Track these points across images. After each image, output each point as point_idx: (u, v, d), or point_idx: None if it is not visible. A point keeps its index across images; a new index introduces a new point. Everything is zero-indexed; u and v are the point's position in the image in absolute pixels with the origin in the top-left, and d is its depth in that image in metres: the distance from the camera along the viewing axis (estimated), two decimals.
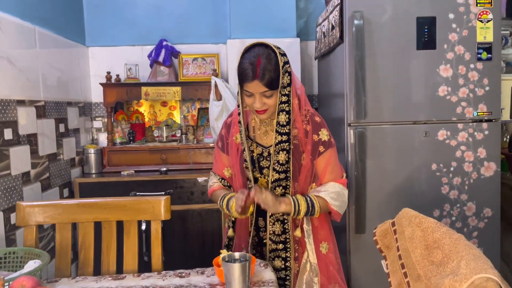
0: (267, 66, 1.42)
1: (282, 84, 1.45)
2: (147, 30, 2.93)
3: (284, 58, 1.47)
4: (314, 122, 1.57)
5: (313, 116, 1.58)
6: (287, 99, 1.48)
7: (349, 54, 2.01)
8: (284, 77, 1.45)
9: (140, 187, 2.50)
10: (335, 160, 1.59)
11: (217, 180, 1.69)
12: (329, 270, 1.61)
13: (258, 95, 1.45)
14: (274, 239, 1.60)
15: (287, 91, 1.47)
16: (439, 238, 1.06)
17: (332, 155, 1.57)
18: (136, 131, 2.88)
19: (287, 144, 1.52)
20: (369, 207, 2.04)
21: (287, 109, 1.49)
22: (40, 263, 1.34)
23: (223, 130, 1.69)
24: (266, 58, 1.43)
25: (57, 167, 2.35)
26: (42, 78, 2.20)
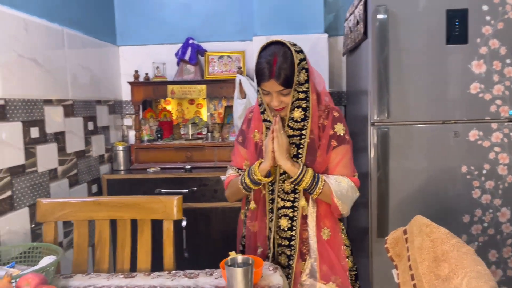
0: (283, 65, 1.42)
1: (298, 82, 1.45)
2: (174, 29, 2.96)
3: (300, 55, 1.47)
4: (333, 116, 1.54)
5: (332, 110, 1.55)
6: (305, 96, 1.47)
7: (373, 51, 1.92)
8: (301, 74, 1.45)
9: (165, 184, 2.54)
10: (348, 158, 1.54)
11: (234, 171, 1.69)
12: (331, 259, 1.56)
13: (275, 94, 1.46)
14: (280, 234, 1.57)
15: (304, 88, 1.46)
16: (447, 250, 0.99)
17: (346, 152, 1.53)
18: (164, 128, 2.92)
19: (298, 139, 1.51)
20: (392, 211, 1.95)
21: (304, 106, 1.48)
22: (54, 258, 1.38)
23: (243, 125, 1.69)
24: (282, 57, 1.43)
25: (85, 163, 2.43)
26: (70, 78, 2.27)
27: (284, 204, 1.55)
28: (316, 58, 2.72)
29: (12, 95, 1.79)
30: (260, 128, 1.60)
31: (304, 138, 1.51)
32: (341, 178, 1.50)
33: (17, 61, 1.83)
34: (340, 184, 1.48)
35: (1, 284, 1.08)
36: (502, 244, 1.93)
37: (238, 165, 1.69)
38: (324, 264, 1.54)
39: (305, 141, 1.51)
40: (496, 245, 1.93)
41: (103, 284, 1.40)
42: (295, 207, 1.54)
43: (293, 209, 1.54)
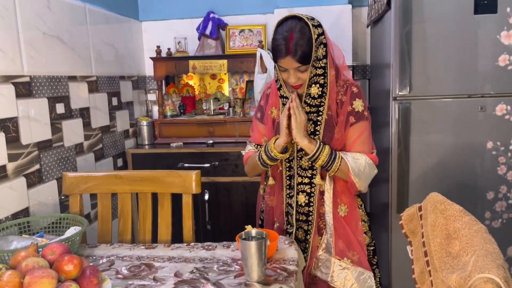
0: (299, 41, 1.38)
1: (317, 57, 1.42)
2: (196, 3, 2.94)
3: (318, 29, 1.42)
4: (351, 92, 1.50)
5: (351, 86, 1.51)
6: (322, 72, 1.44)
7: (395, 22, 1.86)
8: (319, 50, 1.41)
9: (187, 159, 2.59)
10: (367, 135, 1.52)
11: (253, 147, 1.71)
12: (348, 235, 1.56)
13: (292, 71, 1.43)
14: (298, 210, 1.59)
15: (322, 64, 1.43)
16: (459, 228, 0.97)
17: (365, 129, 1.50)
18: (187, 104, 2.95)
19: (315, 115, 1.50)
20: (412, 187, 1.92)
21: (321, 82, 1.45)
22: (79, 229, 1.45)
23: (262, 101, 1.69)
24: (299, 32, 1.39)
25: (110, 138, 2.50)
26: (94, 54, 2.31)
27: (302, 180, 1.56)
28: (340, 30, 2.66)
29: (37, 72, 1.85)
30: (277, 104, 1.59)
31: (322, 114, 1.49)
32: (359, 155, 1.48)
33: (41, 38, 1.88)
34: (358, 161, 1.47)
35: (27, 253, 1.14)
36: None
37: (256, 141, 1.70)
38: (340, 240, 1.55)
39: (322, 117, 1.49)
40: None
41: (126, 254, 1.46)
42: (313, 183, 1.54)
43: (310, 185, 1.55)
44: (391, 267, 2.02)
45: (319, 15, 2.69)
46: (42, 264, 1.10)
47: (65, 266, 1.10)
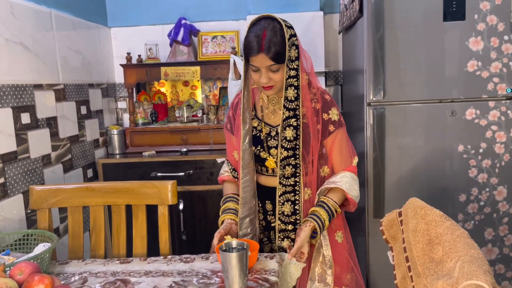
0: (273, 39, 1.35)
1: (290, 58, 1.39)
2: (167, 9, 2.90)
3: (291, 30, 1.40)
4: (324, 100, 1.49)
5: (323, 94, 1.50)
6: (295, 74, 1.41)
7: (368, 28, 1.88)
8: (291, 50, 1.38)
9: (161, 168, 2.52)
10: (345, 141, 1.52)
11: (228, 170, 1.67)
12: (344, 258, 1.56)
13: (264, 70, 1.39)
14: (283, 220, 1.54)
15: (295, 65, 1.41)
16: (441, 233, 0.98)
17: (342, 135, 1.51)
18: (159, 111, 2.89)
19: (294, 120, 1.46)
20: (388, 192, 1.94)
21: (295, 84, 1.42)
22: (49, 245, 1.37)
23: (230, 111, 1.65)
24: (271, 31, 1.36)
25: (80, 148, 2.41)
26: (60, 61, 2.23)
27: (286, 190, 1.52)
28: (312, 37, 2.68)
29: (0, 80, 1.76)
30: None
31: (299, 119, 1.46)
32: (341, 175, 1.48)
33: (4, 45, 1.79)
34: (343, 179, 1.47)
35: None
36: (498, 223, 1.94)
37: (229, 157, 1.66)
38: (338, 267, 1.53)
39: (300, 121, 1.46)
40: (493, 223, 1.94)
41: (99, 270, 1.40)
42: (297, 190, 1.51)
43: (294, 193, 1.51)
44: (369, 271, 2.03)
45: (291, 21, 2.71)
46: (10, 285, 1.03)
47: (36, 287, 1.03)
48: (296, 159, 1.48)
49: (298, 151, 1.48)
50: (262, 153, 1.55)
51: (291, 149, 1.47)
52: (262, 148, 1.54)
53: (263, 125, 1.54)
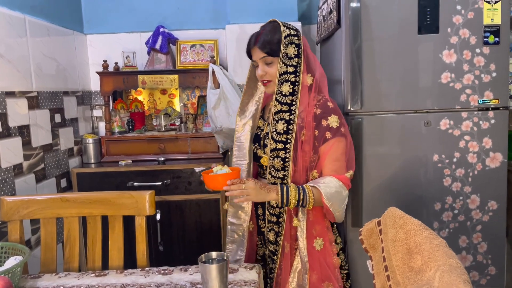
0: (268, 35, 1.52)
1: (286, 54, 1.50)
2: (145, 16, 2.87)
3: (289, 31, 1.52)
4: (326, 107, 1.52)
5: (327, 101, 1.55)
6: (293, 70, 1.50)
7: (346, 40, 1.91)
8: (288, 48, 1.50)
9: (137, 177, 2.48)
10: (341, 152, 1.51)
11: None
12: (323, 268, 1.55)
13: (260, 62, 1.54)
14: (270, 211, 1.59)
15: (294, 62, 1.50)
16: (420, 242, 0.99)
17: (338, 145, 1.50)
18: (136, 120, 2.85)
19: (288, 115, 1.51)
20: (366, 201, 1.96)
21: (292, 80, 1.50)
22: (21, 259, 1.32)
23: None
24: (268, 28, 1.54)
25: (53, 157, 2.34)
26: (34, 68, 2.17)
27: (275, 181, 1.55)
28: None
29: None
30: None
31: (294, 114, 1.50)
32: (329, 179, 1.47)
33: None
34: (328, 185, 1.46)
35: None
36: (472, 230, 1.98)
37: None
38: (314, 273, 1.53)
39: (295, 117, 1.50)
40: (466, 231, 1.98)
41: (73, 283, 1.36)
42: (285, 184, 1.52)
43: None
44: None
45: None
46: None
47: None
48: (286, 153, 1.50)
49: (289, 146, 1.50)
50: (259, 151, 1.64)
51: (281, 142, 1.50)
52: (259, 145, 1.64)
53: (266, 125, 1.66)
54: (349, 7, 1.86)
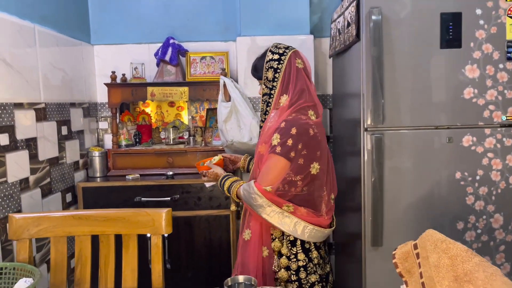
0: (257, 60, 1.77)
1: (266, 77, 1.69)
2: (154, 27, 2.82)
3: (273, 55, 1.69)
4: (279, 125, 1.60)
5: (285, 121, 1.60)
6: (268, 92, 1.70)
7: (366, 53, 1.86)
8: (268, 71, 1.68)
9: (145, 192, 2.40)
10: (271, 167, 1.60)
11: None
12: (244, 259, 1.70)
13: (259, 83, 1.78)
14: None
15: (270, 85, 1.69)
16: (471, 270, 0.92)
17: (271, 161, 1.60)
18: (143, 132, 2.78)
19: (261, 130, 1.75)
20: (386, 219, 1.90)
21: (268, 101, 1.71)
22: (31, 281, 1.24)
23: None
24: (262, 53, 1.76)
25: (59, 171, 2.26)
26: (42, 79, 2.10)
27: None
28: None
29: None
30: None
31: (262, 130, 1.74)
32: (250, 182, 1.65)
33: None
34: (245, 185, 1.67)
35: None
36: (495, 251, 1.92)
37: None
38: (239, 264, 1.72)
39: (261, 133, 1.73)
40: (490, 251, 1.92)
41: None
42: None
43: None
44: None
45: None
46: None
47: None
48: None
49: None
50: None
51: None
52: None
53: None
54: (370, 19, 1.82)
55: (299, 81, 1.65)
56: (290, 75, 1.65)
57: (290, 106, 1.62)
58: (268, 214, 1.59)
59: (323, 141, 1.66)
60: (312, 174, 1.60)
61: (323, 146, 1.64)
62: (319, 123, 1.66)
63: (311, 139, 1.59)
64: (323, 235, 1.67)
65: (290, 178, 1.57)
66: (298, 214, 1.60)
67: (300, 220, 1.60)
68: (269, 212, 1.59)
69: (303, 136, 1.57)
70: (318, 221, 1.63)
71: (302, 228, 1.60)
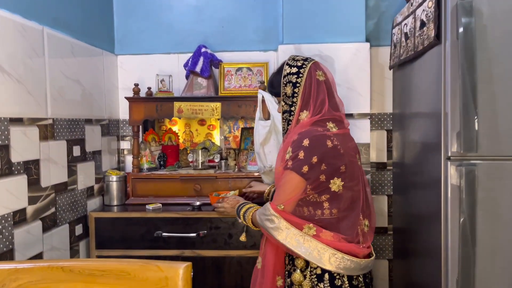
0: (273, 75, 1.64)
1: (285, 93, 1.55)
2: (184, 36, 2.50)
3: (290, 69, 1.55)
4: (292, 139, 1.47)
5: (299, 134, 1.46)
6: (288, 109, 1.55)
7: (452, 59, 1.42)
8: (287, 87, 1.54)
9: (167, 226, 2.02)
10: (283, 184, 1.46)
11: None
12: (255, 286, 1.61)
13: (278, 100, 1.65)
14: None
15: (290, 101, 1.54)
16: None
17: (284, 178, 1.45)
18: (168, 154, 2.42)
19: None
20: (479, 268, 1.42)
21: (288, 118, 1.56)
22: None
23: None
24: (277, 68, 1.64)
25: (67, 199, 1.92)
26: (51, 91, 1.79)
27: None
28: (355, 72, 2.24)
29: None
30: None
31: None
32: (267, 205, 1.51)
33: None
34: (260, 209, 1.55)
35: None
36: None
37: None
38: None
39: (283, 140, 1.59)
40: None
41: None
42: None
43: None
44: None
45: (330, 53, 2.29)
46: None
47: None
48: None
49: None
50: None
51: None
52: None
53: None
54: (459, 15, 1.38)
55: (320, 94, 1.52)
56: (310, 89, 1.52)
57: (311, 122, 1.50)
58: (285, 238, 1.42)
59: (349, 156, 1.47)
60: (333, 192, 1.42)
61: (348, 161, 1.45)
62: (341, 134, 1.49)
63: (329, 151, 1.42)
64: (358, 267, 1.42)
65: (313, 199, 1.43)
66: (322, 238, 1.40)
67: (325, 245, 1.39)
68: (286, 235, 1.42)
69: (319, 148, 1.41)
70: (350, 248, 1.41)
71: (329, 256, 1.39)
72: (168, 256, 2.00)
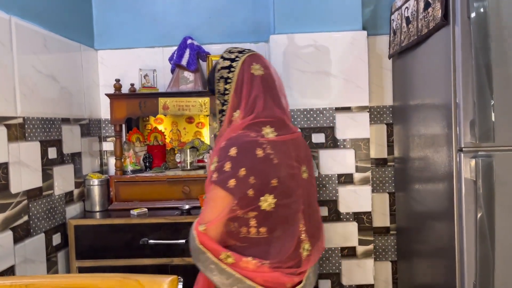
0: (210, 71, 1.46)
1: (218, 91, 1.36)
2: (169, 28, 2.34)
3: (224, 62, 1.36)
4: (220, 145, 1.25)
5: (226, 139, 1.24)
6: (221, 109, 1.36)
7: (463, 41, 1.29)
8: (219, 83, 1.35)
9: (154, 232, 1.86)
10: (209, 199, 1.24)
11: None
12: None
13: None
14: None
15: (222, 100, 1.35)
16: None
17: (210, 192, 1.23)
18: (154, 155, 2.26)
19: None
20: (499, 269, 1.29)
21: (221, 119, 1.37)
22: None
23: None
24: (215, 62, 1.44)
25: (43, 206, 1.76)
26: (20, 87, 1.62)
27: None
28: (352, 62, 2.10)
29: None
30: None
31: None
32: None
33: None
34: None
35: None
36: None
37: None
38: None
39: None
40: None
41: None
42: None
43: None
44: None
45: (325, 43, 2.14)
46: None
47: None
48: None
49: None
50: None
51: None
52: None
53: None
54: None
55: (253, 91, 1.29)
56: (243, 84, 1.30)
57: (243, 125, 1.27)
58: (202, 263, 1.21)
59: (287, 168, 1.23)
60: (263, 211, 1.19)
61: (285, 174, 1.22)
62: (280, 142, 1.24)
63: (259, 162, 1.19)
64: None
65: (240, 214, 1.20)
66: (241, 268, 1.19)
67: (242, 277, 1.17)
68: (204, 260, 1.20)
69: (247, 159, 1.19)
70: (273, 277, 1.19)
71: None
72: (156, 265, 1.84)
